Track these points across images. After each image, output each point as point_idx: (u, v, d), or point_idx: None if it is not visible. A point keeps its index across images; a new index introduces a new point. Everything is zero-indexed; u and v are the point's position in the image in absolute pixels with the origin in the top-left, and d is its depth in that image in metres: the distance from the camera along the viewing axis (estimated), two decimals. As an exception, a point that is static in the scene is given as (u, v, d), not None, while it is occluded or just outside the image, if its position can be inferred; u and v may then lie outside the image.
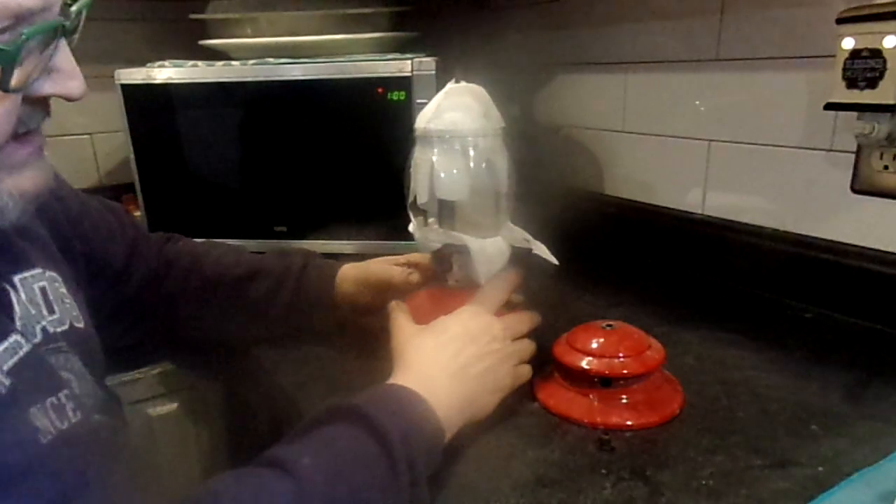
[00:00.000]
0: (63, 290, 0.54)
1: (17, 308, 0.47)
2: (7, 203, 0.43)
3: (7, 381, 0.40)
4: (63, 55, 0.43)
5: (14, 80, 0.39)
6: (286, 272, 0.73)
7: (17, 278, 0.49)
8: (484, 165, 0.59)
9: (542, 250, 0.64)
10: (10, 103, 0.40)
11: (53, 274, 0.53)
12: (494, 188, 0.61)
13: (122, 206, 0.74)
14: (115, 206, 0.72)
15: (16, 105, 0.41)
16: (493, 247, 0.62)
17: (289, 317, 0.73)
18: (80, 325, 0.54)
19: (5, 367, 0.41)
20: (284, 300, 0.72)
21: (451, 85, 0.62)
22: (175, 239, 0.76)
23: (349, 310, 0.74)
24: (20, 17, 0.38)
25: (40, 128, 0.45)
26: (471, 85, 0.61)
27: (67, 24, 0.42)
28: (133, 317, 0.70)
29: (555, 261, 0.64)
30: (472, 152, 0.59)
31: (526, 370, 0.61)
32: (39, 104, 0.44)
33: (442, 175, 0.59)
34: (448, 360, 0.54)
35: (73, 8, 0.42)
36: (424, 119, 0.61)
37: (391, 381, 0.53)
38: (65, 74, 0.43)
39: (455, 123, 0.58)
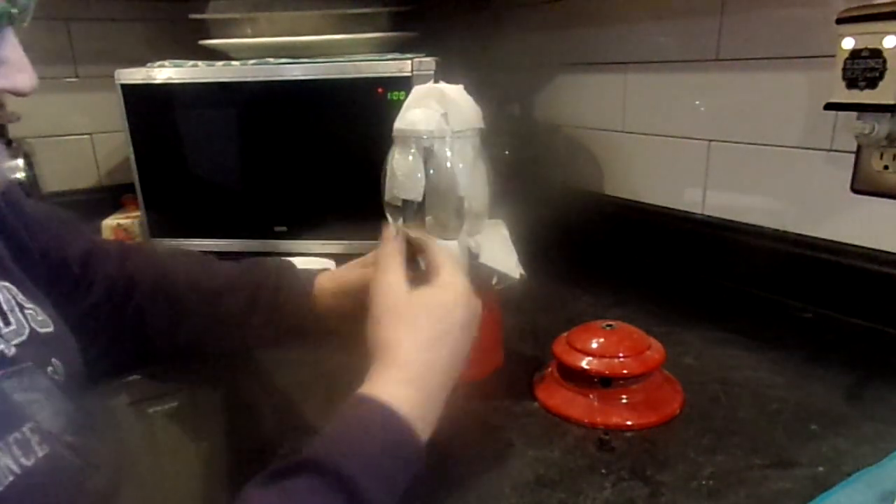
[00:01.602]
0: (21, 298, 0.51)
1: None
2: None
3: None
4: (9, 46, 0.40)
5: None
6: (260, 288, 0.69)
7: None
8: (441, 166, 0.59)
9: (493, 261, 0.62)
10: None
11: (7, 284, 0.51)
12: (452, 191, 0.60)
13: (74, 215, 0.71)
14: (67, 217, 0.69)
15: None
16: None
17: (265, 332, 0.69)
18: (49, 329, 0.52)
19: None
20: (261, 316, 0.69)
21: (422, 85, 0.62)
22: (134, 249, 0.73)
23: (330, 320, 0.70)
24: None
25: None
26: (444, 86, 0.61)
27: (15, 11, 0.39)
28: (97, 329, 0.67)
29: (516, 275, 0.62)
30: (430, 153, 0.59)
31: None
32: None
33: (399, 174, 0.59)
34: (445, 357, 0.50)
35: None
36: (397, 119, 0.62)
37: (379, 378, 0.48)
38: (12, 67, 0.40)
39: (413, 124, 0.59)
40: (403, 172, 0.59)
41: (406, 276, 0.53)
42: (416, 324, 0.50)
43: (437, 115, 0.59)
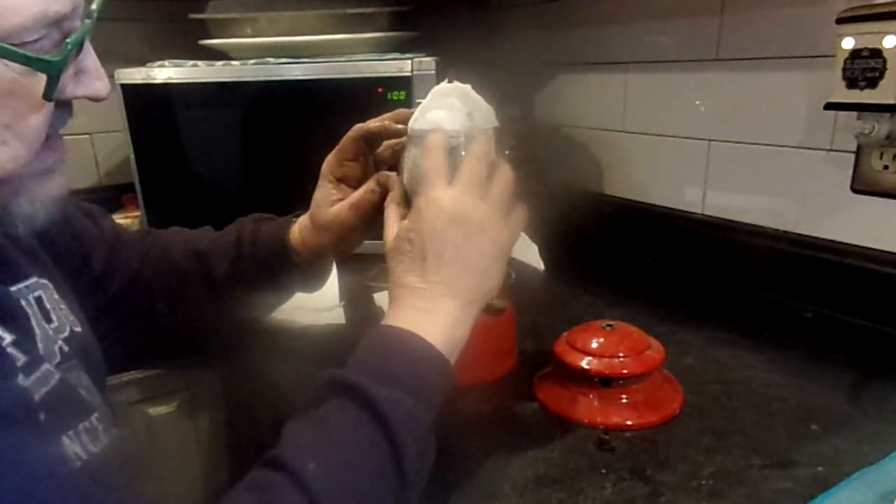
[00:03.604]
0: (56, 295, 0.53)
1: (36, 331, 0.47)
2: (37, 210, 0.43)
3: (42, 412, 0.39)
4: (89, 56, 0.43)
5: (57, 89, 0.39)
6: (239, 244, 0.72)
7: (13, 290, 0.48)
8: None
9: (525, 255, 0.62)
10: (47, 110, 0.41)
11: (45, 281, 0.53)
12: None
13: (100, 209, 0.73)
14: (93, 210, 0.71)
15: (51, 111, 0.41)
16: None
17: (254, 287, 0.71)
18: (78, 328, 0.54)
19: (37, 398, 0.40)
20: (245, 271, 0.71)
21: (440, 85, 0.62)
22: (152, 235, 0.75)
23: (313, 257, 0.71)
24: (54, 24, 0.39)
25: (59, 132, 0.45)
26: (460, 85, 0.61)
27: (92, 24, 0.42)
28: (111, 320, 0.68)
29: (541, 266, 0.62)
30: (453, 153, 0.59)
31: (520, 215, 0.56)
32: (66, 106, 0.44)
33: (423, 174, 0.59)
34: (433, 272, 0.51)
35: (93, 6, 0.42)
36: (412, 119, 0.61)
37: (387, 313, 0.51)
38: (92, 75, 0.43)
39: (436, 123, 0.58)
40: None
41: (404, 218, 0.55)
42: (397, 264, 0.52)
43: (462, 114, 0.58)
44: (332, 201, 0.67)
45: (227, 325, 0.76)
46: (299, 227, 0.71)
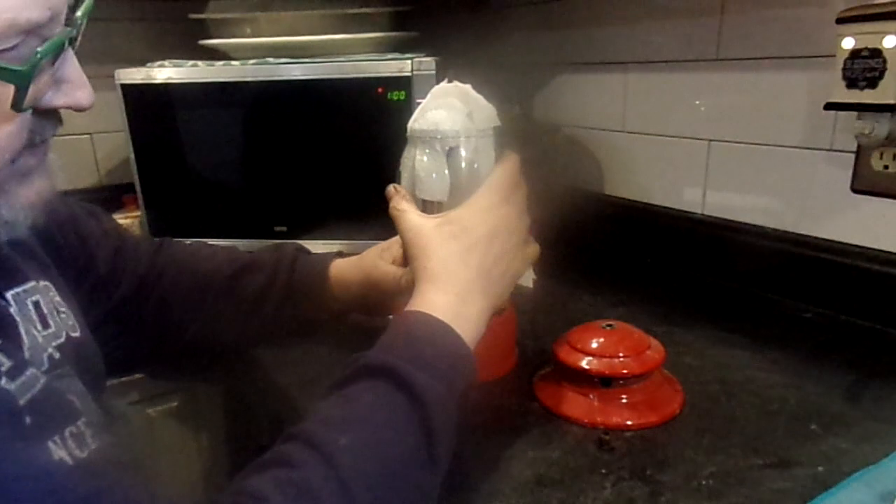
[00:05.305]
0: (57, 298, 0.53)
1: (24, 338, 0.47)
2: (18, 215, 0.43)
3: (27, 416, 0.39)
4: (70, 65, 0.42)
5: (27, 100, 0.38)
6: (277, 266, 0.72)
7: (9, 294, 0.48)
8: (464, 165, 0.59)
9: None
10: (21, 120, 0.40)
11: (46, 283, 0.52)
12: (474, 190, 0.60)
13: (102, 210, 0.72)
14: (97, 211, 0.71)
15: (27, 120, 0.40)
16: None
17: (281, 313, 0.72)
18: (77, 333, 0.53)
19: (22, 402, 0.40)
20: (276, 295, 0.71)
21: (440, 84, 0.62)
22: (167, 243, 0.74)
23: (342, 304, 0.73)
24: (29, 33, 0.37)
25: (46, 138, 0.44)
26: (460, 85, 0.61)
27: (74, 33, 0.41)
28: (119, 325, 0.68)
29: (529, 284, 0.62)
30: (453, 153, 0.59)
31: (534, 249, 0.58)
32: (50, 115, 0.43)
33: (422, 174, 0.59)
34: (476, 267, 0.52)
35: (79, 13, 0.41)
36: (412, 119, 0.61)
37: (418, 296, 0.51)
38: (73, 85, 0.42)
39: (437, 123, 0.58)
40: (427, 173, 0.59)
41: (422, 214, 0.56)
42: (443, 247, 0.53)
43: (461, 114, 0.58)
44: (393, 258, 0.68)
45: (240, 343, 0.75)
46: (338, 267, 0.72)
